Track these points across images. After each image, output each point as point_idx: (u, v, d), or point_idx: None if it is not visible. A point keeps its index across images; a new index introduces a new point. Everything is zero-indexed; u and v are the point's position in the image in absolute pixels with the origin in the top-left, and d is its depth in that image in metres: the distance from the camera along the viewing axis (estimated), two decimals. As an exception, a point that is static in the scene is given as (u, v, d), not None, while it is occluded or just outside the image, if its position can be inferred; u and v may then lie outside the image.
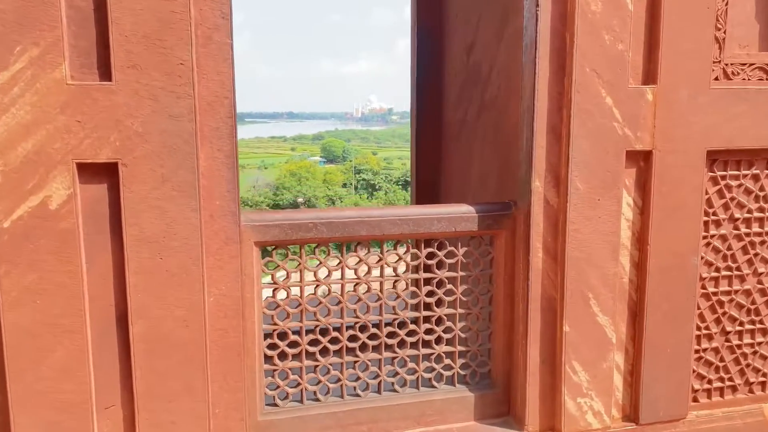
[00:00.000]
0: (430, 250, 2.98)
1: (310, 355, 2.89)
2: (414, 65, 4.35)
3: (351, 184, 78.13)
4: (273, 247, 2.80)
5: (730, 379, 3.30)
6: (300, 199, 60.74)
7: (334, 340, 2.90)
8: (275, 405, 2.86)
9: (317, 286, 2.91)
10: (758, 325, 3.27)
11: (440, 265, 3.00)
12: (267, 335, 2.82)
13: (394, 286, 2.97)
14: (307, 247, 2.87)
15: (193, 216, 2.47)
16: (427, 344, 3.05)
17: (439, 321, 3.06)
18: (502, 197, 3.20)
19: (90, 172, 2.37)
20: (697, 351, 3.20)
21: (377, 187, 71.83)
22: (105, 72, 2.34)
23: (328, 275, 2.87)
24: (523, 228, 2.96)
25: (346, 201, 62.82)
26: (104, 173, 2.38)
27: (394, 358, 3.00)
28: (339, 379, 2.93)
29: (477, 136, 3.76)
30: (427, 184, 4.45)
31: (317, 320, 2.87)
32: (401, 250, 2.99)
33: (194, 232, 2.48)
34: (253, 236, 2.71)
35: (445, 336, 3.07)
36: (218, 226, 2.57)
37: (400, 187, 70.43)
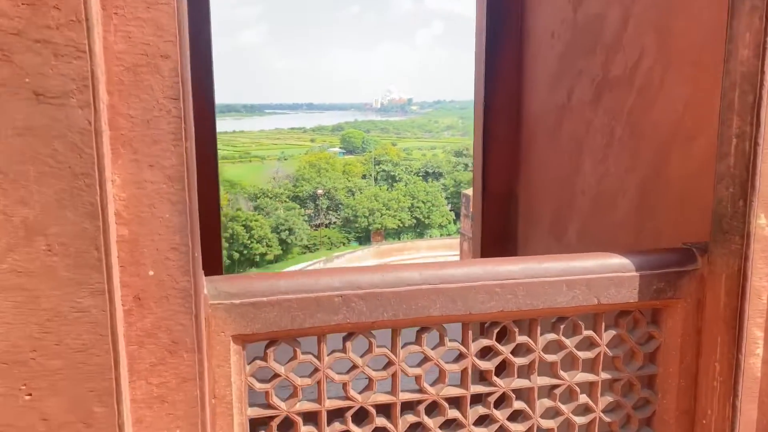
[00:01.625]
0: (552, 337, 1.65)
1: None
2: (482, 39, 2.98)
3: (371, 175, 76.69)
4: (269, 342, 1.49)
5: None
6: (320, 191, 59.56)
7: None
8: None
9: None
10: None
11: (565, 358, 1.67)
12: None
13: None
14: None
15: (93, 306, 1.17)
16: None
17: (562, 457, 1.73)
18: (647, 233, 1.86)
19: None
20: None
21: (397, 178, 70.35)
22: None
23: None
24: (723, 296, 1.61)
25: (366, 192, 61.49)
26: None
27: None
28: None
29: (592, 129, 2.41)
30: (497, 199, 3.10)
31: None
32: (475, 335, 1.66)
33: (97, 340, 1.18)
34: (230, 324, 1.41)
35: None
36: (153, 318, 1.26)
37: (421, 178, 68.90)
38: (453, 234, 59.18)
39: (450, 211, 63.24)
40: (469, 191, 43.13)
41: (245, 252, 48.36)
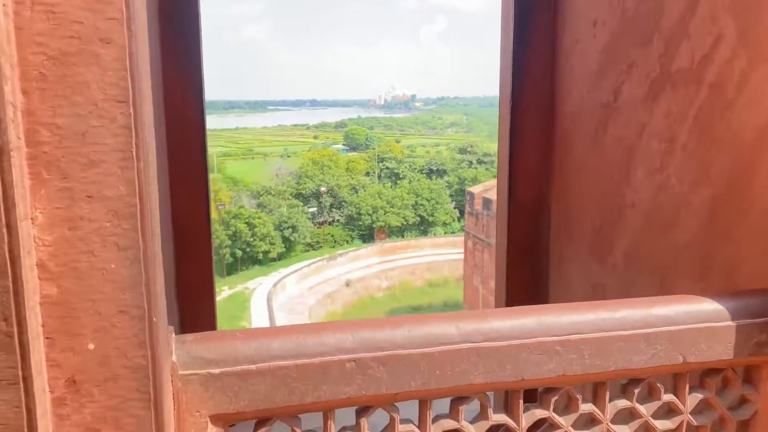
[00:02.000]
0: (623, 404, 1.29)
1: None
2: (509, 28, 2.61)
3: (374, 172, 76.28)
4: (258, 422, 1.13)
5: None
6: (323, 188, 59.21)
7: None
8: None
9: None
10: None
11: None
12: None
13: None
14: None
15: (1, 402, 0.81)
16: None
17: None
18: (718, 262, 1.51)
19: None
20: None
21: (401, 175, 69.97)
22: None
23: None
24: None
25: (370, 190, 61.13)
26: None
27: None
28: None
29: (646, 133, 2.04)
30: (526, 207, 2.73)
31: None
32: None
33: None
34: (207, 402, 1.05)
35: None
36: (96, 409, 0.90)
37: (424, 175, 68.49)
38: (457, 232, 58.82)
39: (454, 208, 62.84)
40: (475, 189, 42.73)
41: (248, 250, 48.06)
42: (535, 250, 2.44)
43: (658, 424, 1.31)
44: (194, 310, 2.35)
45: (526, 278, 2.38)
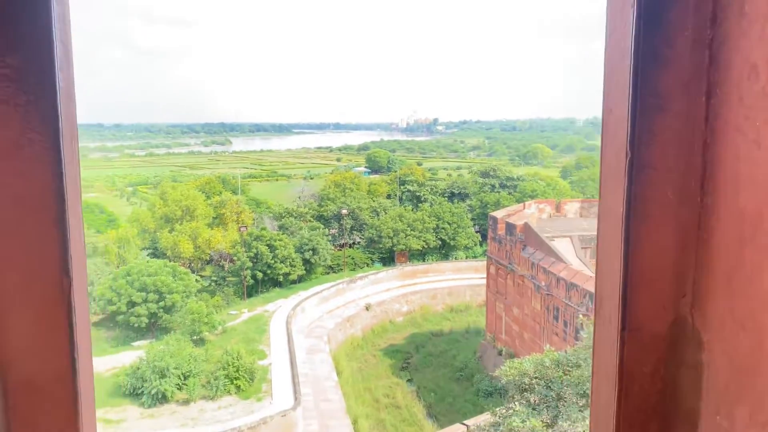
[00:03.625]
0: None
1: None
2: (626, 32, 1.72)
3: (395, 195, 75.57)
4: None
5: None
6: (344, 211, 58.59)
7: None
8: None
9: None
10: None
11: None
12: None
13: None
14: None
15: None
16: None
17: None
18: None
19: None
20: None
21: (422, 198, 69.12)
22: None
23: None
24: None
25: (391, 212, 60.32)
26: None
27: None
28: None
29: None
30: (650, 274, 1.79)
31: None
32: None
33: None
34: None
35: None
36: None
37: (446, 198, 67.52)
38: (479, 256, 57.53)
39: (476, 232, 61.58)
40: (498, 213, 41.66)
41: (269, 272, 47.36)
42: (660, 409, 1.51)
43: None
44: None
45: None
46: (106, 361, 34.30)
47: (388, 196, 76.36)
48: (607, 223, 1.15)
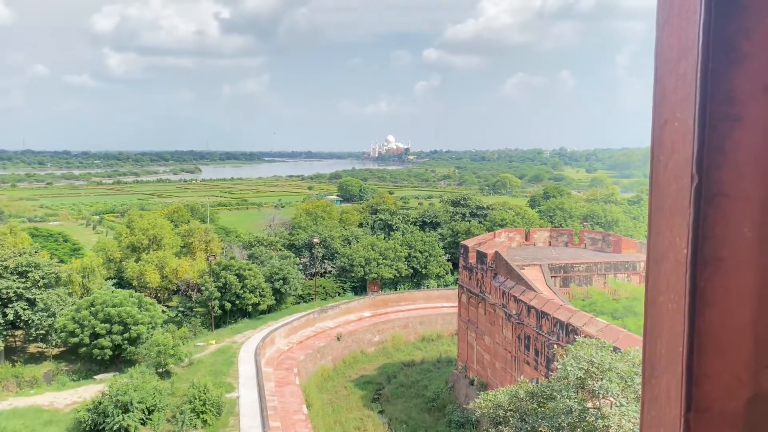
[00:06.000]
0: None
1: None
2: (692, 40, 1.48)
3: (367, 223, 75.19)
4: None
5: None
6: (315, 239, 57.93)
7: None
8: None
9: None
10: None
11: None
12: None
13: None
14: None
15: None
16: None
17: None
18: None
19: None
20: None
21: (394, 227, 68.86)
22: None
23: None
24: None
25: (363, 241, 59.89)
26: None
27: None
28: None
29: None
30: (723, 337, 1.59)
31: None
32: None
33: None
34: None
35: None
36: None
37: (418, 227, 67.43)
38: (451, 284, 57.25)
39: (448, 261, 61.41)
40: (469, 242, 41.64)
41: (237, 302, 46.28)
42: None
43: None
44: None
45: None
46: (66, 396, 32.82)
47: (360, 225, 75.94)
48: (663, 269, 0.87)
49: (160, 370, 34.84)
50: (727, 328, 0.83)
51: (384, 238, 61.48)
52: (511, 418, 16.44)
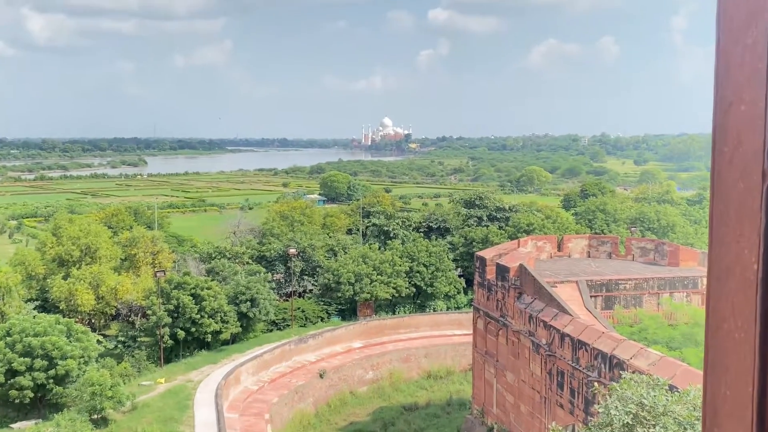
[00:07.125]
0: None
1: None
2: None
3: (358, 230, 75.43)
4: None
5: None
6: (292, 250, 58.08)
7: None
8: None
9: None
10: None
11: None
12: None
13: None
14: None
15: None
16: None
17: None
18: None
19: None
20: None
21: (392, 234, 69.07)
22: None
23: None
24: None
25: (352, 252, 60.10)
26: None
27: None
28: None
29: None
30: None
31: None
32: None
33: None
34: None
35: None
36: None
37: (421, 234, 67.71)
38: (463, 307, 57.45)
39: (459, 276, 61.62)
40: (486, 253, 41.91)
41: (193, 330, 46.35)
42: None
43: None
44: None
45: None
46: (-25, 451, 32.89)
47: (349, 231, 76.21)
48: (727, 289, 0.89)
49: (95, 416, 34.91)
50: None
51: (379, 249, 61.70)
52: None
